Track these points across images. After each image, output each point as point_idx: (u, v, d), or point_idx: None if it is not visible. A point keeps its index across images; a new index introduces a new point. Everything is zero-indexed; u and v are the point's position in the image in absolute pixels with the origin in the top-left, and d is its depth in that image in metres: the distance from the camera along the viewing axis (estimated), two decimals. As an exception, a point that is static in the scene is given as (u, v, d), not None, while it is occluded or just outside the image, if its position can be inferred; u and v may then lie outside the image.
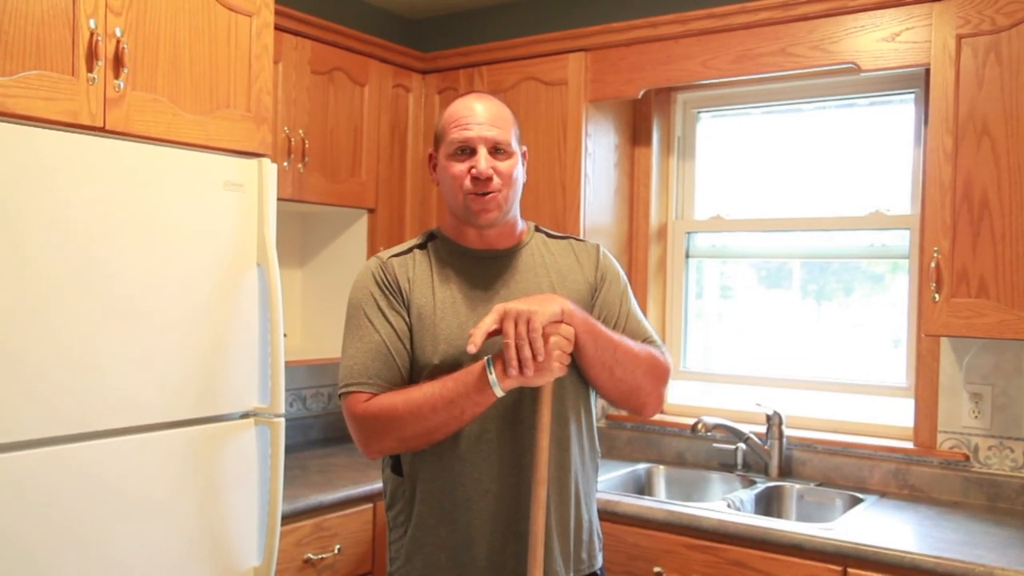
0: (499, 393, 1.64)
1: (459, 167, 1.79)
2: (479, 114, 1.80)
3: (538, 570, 1.70)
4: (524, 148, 1.90)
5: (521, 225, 1.92)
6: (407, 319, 1.79)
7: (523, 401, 1.74)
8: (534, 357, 1.60)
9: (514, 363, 1.60)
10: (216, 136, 2.28)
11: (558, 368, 1.64)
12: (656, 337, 1.91)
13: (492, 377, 1.63)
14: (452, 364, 1.73)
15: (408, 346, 1.78)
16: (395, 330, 1.77)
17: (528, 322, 1.59)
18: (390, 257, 1.86)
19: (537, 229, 1.96)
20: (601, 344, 1.72)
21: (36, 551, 1.89)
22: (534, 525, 1.70)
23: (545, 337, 1.61)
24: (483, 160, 1.78)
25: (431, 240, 1.90)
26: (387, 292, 1.80)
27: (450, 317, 1.77)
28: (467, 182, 1.78)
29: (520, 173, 1.86)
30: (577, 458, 1.83)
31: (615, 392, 1.81)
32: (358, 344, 1.78)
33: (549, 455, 1.74)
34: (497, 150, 1.80)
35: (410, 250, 1.88)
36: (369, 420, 1.72)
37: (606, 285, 1.89)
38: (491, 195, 1.79)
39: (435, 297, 1.80)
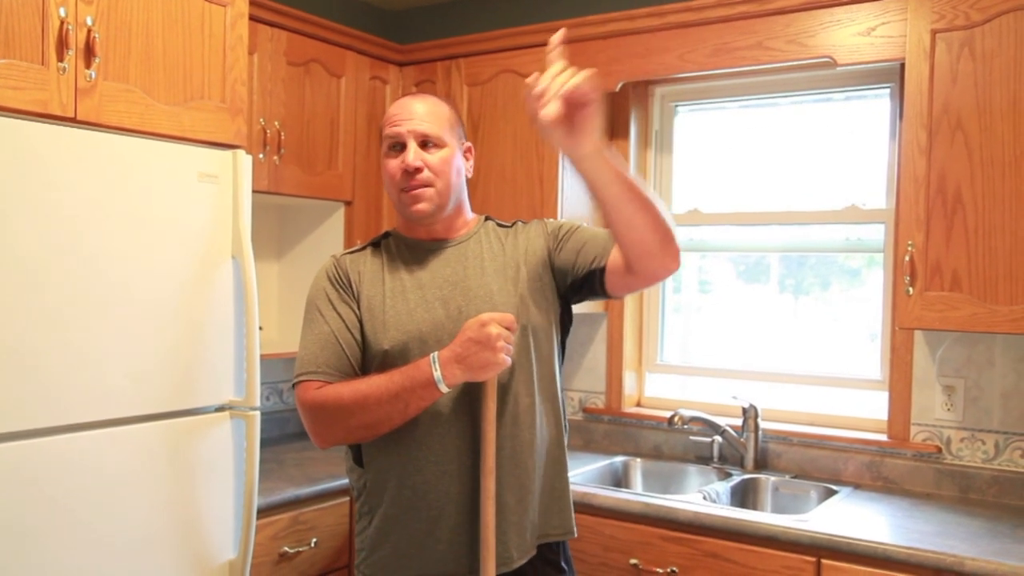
0: (443, 389, 1.69)
1: (392, 163, 1.87)
2: (410, 111, 1.88)
3: (491, 560, 1.73)
4: (467, 144, 1.96)
5: (470, 216, 1.98)
6: (357, 311, 1.85)
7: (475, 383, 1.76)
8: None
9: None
10: (190, 127, 2.26)
11: (503, 360, 1.68)
12: None
13: (437, 373, 1.67)
14: (400, 350, 1.79)
15: (358, 337, 1.84)
16: (344, 322, 1.83)
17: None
18: (343, 255, 1.94)
19: (487, 219, 2.00)
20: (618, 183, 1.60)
21: (8, 544, 1.87)
22: (484, 516, 1.73)
23: (488, 331, 1.66)
24: (411, 153, 1.84)
25: (385, 239, 1.97)
26: (338, 287, 1.87)
27: (399, 305, 1.83)
28: (399, 176, 1.85)
29: (459, 166, 1.91)
30: (537, 429, 1.85)
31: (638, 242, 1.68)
32: (310, 336, 1.85)
33: (507, 430, 1.78)
34: (427, 143, 1.86)
35: (364, 248, 1.96)
36: (317, 409, 1.77)
37: (563, 231, 1.90)
38: (421, 188, 1.84)
39: (384, 287, 1.86)
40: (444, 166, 1.86)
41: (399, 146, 1.86)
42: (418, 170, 1.83)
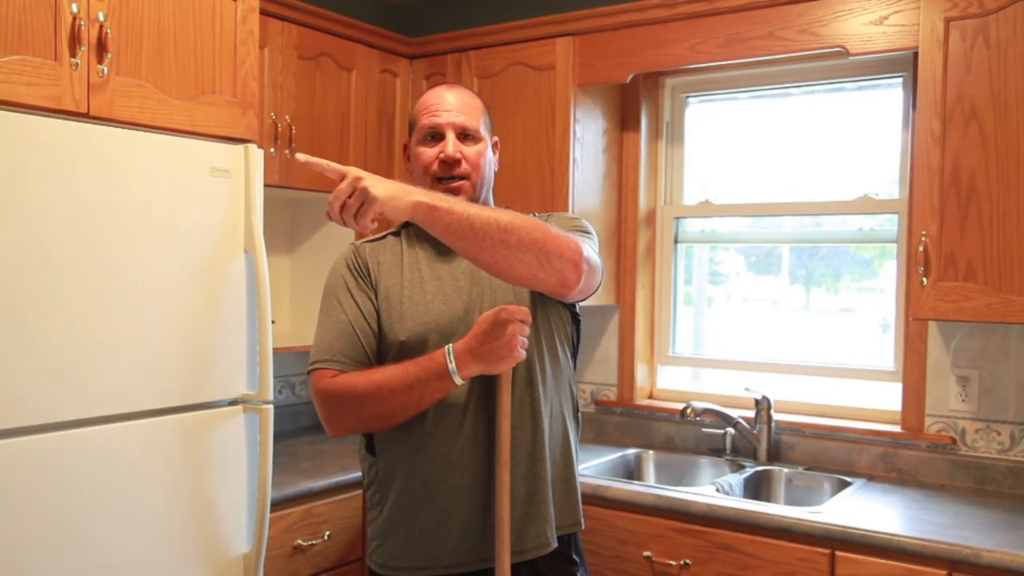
0: (458, 381, 1.69)
1: (429, 152, 1.87)
2: (448, 102, 1.88)
3: (505, 553, 1.73)
4: (495, 138, 1.98)
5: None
6: (374, 300, 1.85)
7: (488, 375, 1.76)
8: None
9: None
10: (202, 122, 2.26)
11: (518, 353, 1.69)
12: (581, 236, 1.81)
13: (452, 365, 1.68)
14: (418, 342, 1.78)
15: (375, 326, 1.83)
16: (361, 311, 1.83)
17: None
18: (363, 243, 1.93)
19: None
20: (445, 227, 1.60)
21: (23, 539, 1.88)
22: (500, 509, 1.73)
23: (503, 324, 1.66)
24: (451, 144, 1.84)
25: (405, 227, 1.95)
26: (356, 275, 1.87)
27: (417, 296, 1.83)
28: (435, 166, 1.85)
29: (489, 160, 1.92)
30: (550, 422, 1.86)
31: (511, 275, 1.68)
32: (326, 324, 1.85)
33: (521, 422, 1.79)
34: (465, 136, 1.87)
35: (384, 236, 1.95)
36: (331, 397, 1.77)
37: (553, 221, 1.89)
38: (459, 181, 1.85)
39: (403, 278, 1.85)
40: (480, 160, 1.87)
41: (437, 136, 1.86)
42: (457, 162, 1.83)
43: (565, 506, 1.89)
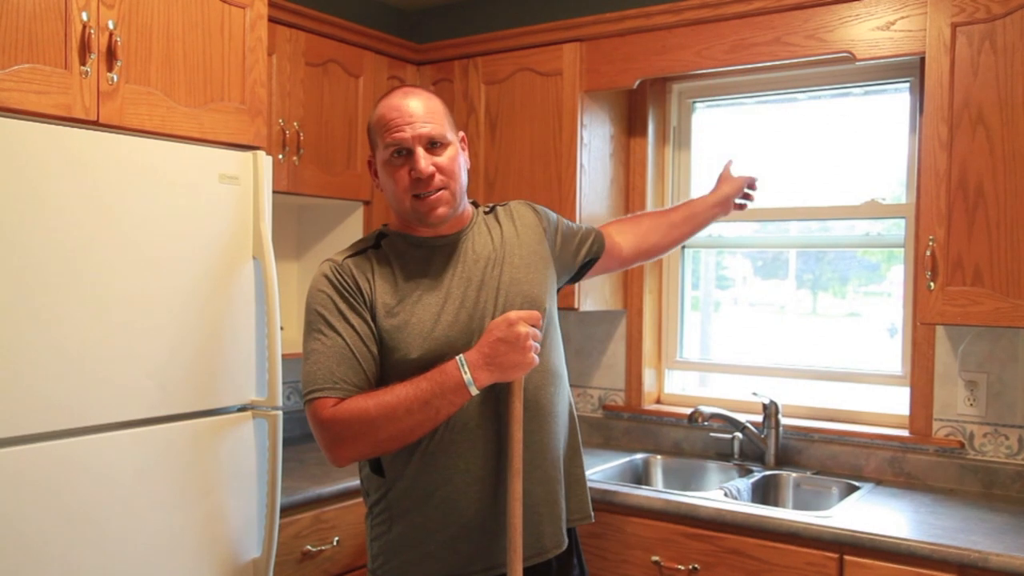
0: (474, 391, 1.65)
1: (400, 173, 1.76)
2: (408, 112, 1.76)
3: (517, 561, 1.73)
4: (461, 134, 1.88)
5: (468, 207, 1.92)
6: (370, 321, 1.76)
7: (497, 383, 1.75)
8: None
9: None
10: (211, 129, 2.28)
11: (532, 359, 1.67)
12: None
13: (467, 376, 1.64)
14: (432, 357, 1.72)
15: (374, 349, 1.75)
16: (358, 333, 1.74)
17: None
18: (345, 259, 1.82)
19: (475, 204, 1.97)
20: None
21: (34, 546, 1.89)
22: (512, 518, 1.71)
23: (515, 330, 1.67)
24: (422, 160, 1.74)
25: (383, 238, 1.87)
26: (347, 294, 1.76)
27: (420, 311, 1.76)
28: (409, 183, 1.76)
29: (462, 162, 1.83)
30: (559, 421, 1.86)
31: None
32: (320, 349, 1.74)
33: (535, 426, 1.78)
34: (432, 144, 1.76)
35: (364, 251, 1.84)
36: (339, 425, 1.68)
37: (563, 225, 2.06)
38: (437, 193, 1.76)
39: (400, 294, 1.78)
40: (453, 165, 1.78)
41: (405, 152, 1.76)
42: (431, 176, 1.74)
43: (575, 500, 1.90)
